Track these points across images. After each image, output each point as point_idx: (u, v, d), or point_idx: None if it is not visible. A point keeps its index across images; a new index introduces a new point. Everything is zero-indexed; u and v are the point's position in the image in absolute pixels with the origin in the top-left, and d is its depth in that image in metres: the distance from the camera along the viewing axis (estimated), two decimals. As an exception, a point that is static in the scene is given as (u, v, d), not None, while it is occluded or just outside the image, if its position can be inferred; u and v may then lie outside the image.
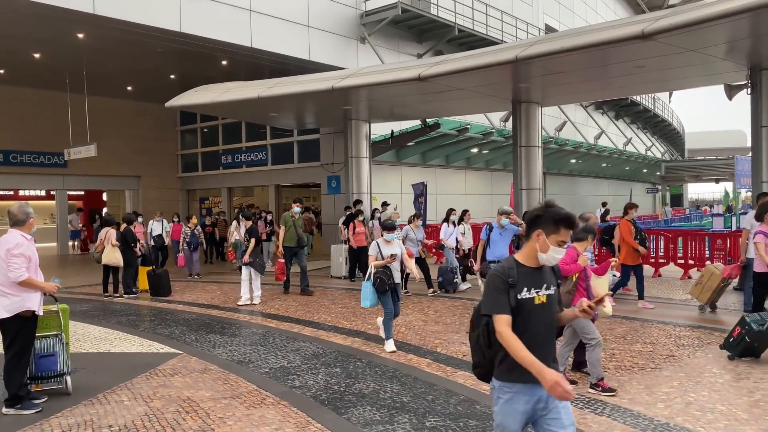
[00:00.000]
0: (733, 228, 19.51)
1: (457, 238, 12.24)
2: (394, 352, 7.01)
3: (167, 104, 15.57)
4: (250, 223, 11.01)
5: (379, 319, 7.42)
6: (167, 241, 15.22)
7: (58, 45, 15.57)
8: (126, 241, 11.79)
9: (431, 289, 11.53)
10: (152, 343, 7.89)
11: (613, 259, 6.29)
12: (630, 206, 9.90)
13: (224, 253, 18.56)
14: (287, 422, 4.89)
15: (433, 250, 15.59)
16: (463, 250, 12.31)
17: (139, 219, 14.63)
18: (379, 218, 14.99)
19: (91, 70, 17.81)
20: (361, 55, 18.45)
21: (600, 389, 5.44)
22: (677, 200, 51.58)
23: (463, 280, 12.17)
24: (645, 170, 39.72)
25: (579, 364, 6.08)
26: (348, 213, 14.77)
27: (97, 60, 17.06)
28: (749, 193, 15.93)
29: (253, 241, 10.73)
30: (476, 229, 16.66)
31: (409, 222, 11.68)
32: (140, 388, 5.85)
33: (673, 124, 47.33)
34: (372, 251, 7.30)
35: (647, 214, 36.27)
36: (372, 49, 18.33)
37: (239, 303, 10.65)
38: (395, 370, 6.34)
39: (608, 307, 5.67)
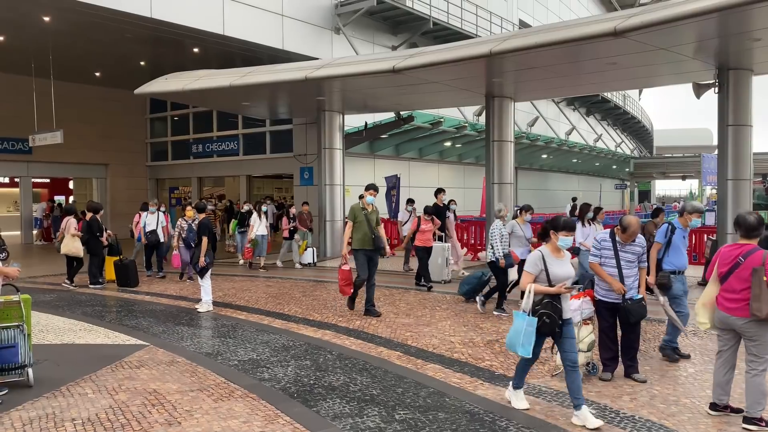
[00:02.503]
0: (699, 224, 19.96)
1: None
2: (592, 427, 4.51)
3: (137, 91, 15.28)
4: (203, 215, 9.53)
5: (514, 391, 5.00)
6: (163, 237, 13.01)
7: (23, 28, 15.07)
8: (91, 230, 11.57)
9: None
10: (118, 334, 7.75)
11: None
12: None
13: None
14: (255, 415, 4.84)
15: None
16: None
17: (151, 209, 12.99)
18: (454, 210, 13.20)
19: (58, 55, 17.31)
20: (336, 45, 18.31)
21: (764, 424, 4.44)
22: (645, 196, 52.56)
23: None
24: (614, 166, 40.34)
25: (628, 368, 5.62)
26: (438, 206, 12.16)
27: (64, 44, 16.61)
28: (714, 191, 16.28)
29: (205, 240, 9.06)
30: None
31: (516, 216, 9.35)
32: (105, 381, 5.74)
33: (643, 121, 48.16)
34: (532, 268, 4.74)
35: (617, 210, 36.95)
36: (346, 39, 18.21)
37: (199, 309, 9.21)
38: (365, 362, 6.33)
39: None
